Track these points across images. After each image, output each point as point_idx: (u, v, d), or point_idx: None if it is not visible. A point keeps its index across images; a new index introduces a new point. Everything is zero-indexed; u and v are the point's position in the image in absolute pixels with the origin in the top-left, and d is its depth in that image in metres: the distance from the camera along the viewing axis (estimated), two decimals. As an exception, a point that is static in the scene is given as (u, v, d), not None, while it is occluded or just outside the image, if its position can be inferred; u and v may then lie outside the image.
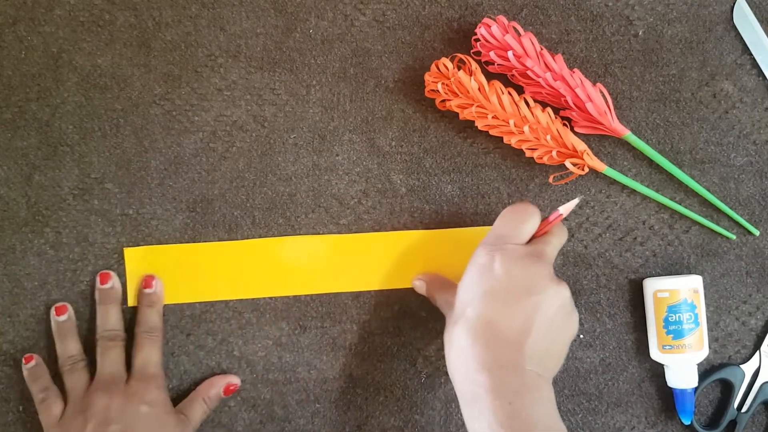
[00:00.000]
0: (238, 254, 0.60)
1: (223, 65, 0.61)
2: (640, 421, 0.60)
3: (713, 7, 0.61)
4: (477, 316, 0.48)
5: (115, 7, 0.61)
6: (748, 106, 0.61)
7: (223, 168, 0.60)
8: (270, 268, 0.60)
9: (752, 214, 0.60)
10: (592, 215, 0.60)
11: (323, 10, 0.61)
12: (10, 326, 0.60)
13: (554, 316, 0.48)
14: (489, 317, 0.48)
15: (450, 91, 0.57)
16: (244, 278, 0.60)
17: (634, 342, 0.60)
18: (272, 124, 0.61)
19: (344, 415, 0.60)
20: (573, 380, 0.60)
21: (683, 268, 0.60)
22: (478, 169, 0.60)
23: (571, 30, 0.61)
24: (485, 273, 0.49)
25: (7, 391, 0.60)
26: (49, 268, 0.60)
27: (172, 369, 0.60)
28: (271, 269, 0.60)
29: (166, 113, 0.60)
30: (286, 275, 0.60)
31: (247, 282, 0.60)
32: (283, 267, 0.60)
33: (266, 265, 0.60)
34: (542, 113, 0.57)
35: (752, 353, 0.60)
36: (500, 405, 0.45)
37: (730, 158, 0.60)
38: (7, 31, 0.60)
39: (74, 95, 0.60)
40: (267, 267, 0.60)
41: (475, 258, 0.50)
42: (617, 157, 0.60)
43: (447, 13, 0.61)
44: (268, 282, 0.60)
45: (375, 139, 0.61)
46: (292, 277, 0.60)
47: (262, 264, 0.60)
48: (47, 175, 0.60)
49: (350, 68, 0.61)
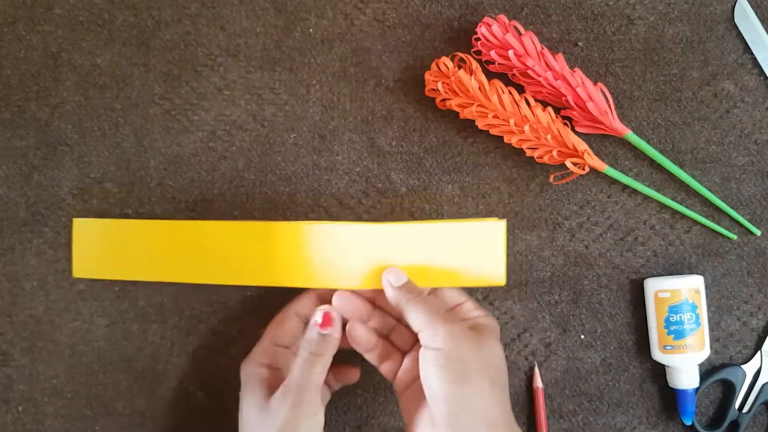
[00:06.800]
0: (202, 236, 0.56)
1: (222, 64, 0.60)
2: (641, 422, 0.60)
3: (714, 7, 0.60)
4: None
5: (114, 6, 0.60)
6: (749, 105, 0.60)
7: (222, 168, 0.60)
8: (236, 253, 0.56)
9: (753, 214, 0.60)
10: (593, 215, 0.60)
11: (323, 9, 0.61)
12: (9, 326, 0.60)
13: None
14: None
15: (450, 91, 0.57)
16: (207, 262, 0.56)
17: (635, 342, 0.60)
18: (272, 123, 0.60)
19: (344, 416, 0.60)
20: (574, 380, 0.60)
21: (684, 268, 0.60)
22: (478, 168, 0.60)
23: (571, 29, 0.60)
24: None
25: (7, 391, 0.60)
26: (48, 268, 0.60)
27: (171, 369, 0.60)
28: (237, 254, 0.56)
29: (165, 113, 0.60)
30: (252, 262, 0.55)
31: (205, 267, 0.56)
32: (253, 253, 0.56)
33: (235, 250, 0.56)
34: (543, 113, 0.57)
35: (753, 353, 0.60)
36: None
37: (732, 158, 0.60)
38: (6, 30, 0.60)
39: (73, 95, 0.60)
40: (235, 252, 0.56)
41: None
42: (618, 156, 0.60)
43: (447, 12, 0.61)
44: (231, 268, 0.56)
45: (375, 139, 0.60)
46: (264, 265, 0.55)
47: (224, 248, 0.56)
48: (46, 174, 0.60)
49: (350, 67, 0.61)
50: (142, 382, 0.60)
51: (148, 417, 0.60)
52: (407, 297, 0.51)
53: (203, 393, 0.60)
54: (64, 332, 0.60)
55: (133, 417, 0.60)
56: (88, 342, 0.60)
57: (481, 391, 0.48)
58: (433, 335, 0.49)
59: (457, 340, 0.48)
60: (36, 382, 0.60)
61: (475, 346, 0.49)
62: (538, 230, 0.60)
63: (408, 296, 0.51)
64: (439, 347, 0.48)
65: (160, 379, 0.60)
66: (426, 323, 0.50)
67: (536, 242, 0.60)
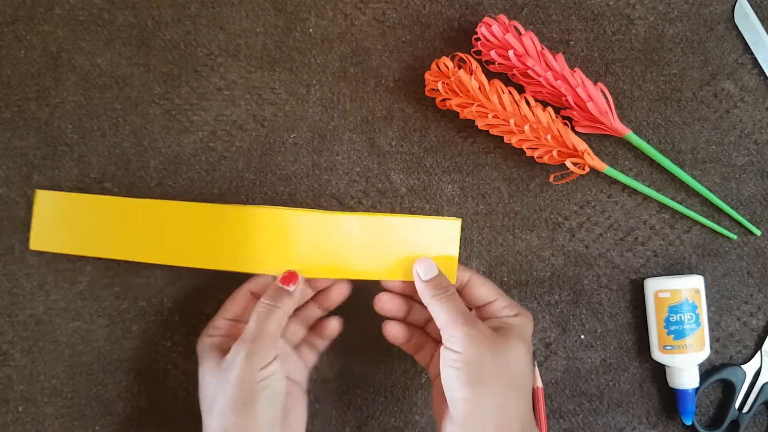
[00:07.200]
0: (162, 215, 0.56)
1: (222, 64, 0.60)
2: (642, 422, 0.60)
3: (714, 6, 0.60)
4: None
5: (114, 6, 0.60)
6: (749, 105, 0.60)
7: (222, 168, 0.60)
8: (202, 236, 0.55)
9: (753, 214, 0.60)
10: (593, 215, 0.60)
11: (323, 9, 0.61)
12: (9, 326, 0.60)
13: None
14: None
15: (450, 91, 0.57)
16: (163, 242, 0.56)
17: (635, 342, 0.60)
18: (272, 123, 0.60)
19: (344, 415, 0.60)
20: (574, 381, 0.60)
21: (684, 268, 0.60)
22: (478, 168, 0.60)
23: (572, 29, 0.60)
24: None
25: (7, 391, 0.60)
26: (48, 268, 0.60)
27: (171, 369, 0.60)
28: (203, 236, 0.55)
29: (165, 113, 0.60)
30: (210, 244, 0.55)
31: (160, 246, 0.56)
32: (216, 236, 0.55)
33: (190, 232, 0.55)
34: (543, 113, 0.57)
35: (753, 353, 0.60)
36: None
37: (732, 158, 0.60)
38: (6, 30, 0.60)
39: (73, 95, 0.60)
40: (198, 234, 0.55)
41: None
42: (618, 156, 0.60)
43: (447, 12, 0.61)
44: (183, 249, 0.55)
45: (375, 139, 0.60)
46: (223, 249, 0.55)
47: (191, 230, 0.55)
48: (46, 174, 0.60)
49: (350, 67, 0.61)
50: (142, 382, 0.60)
51: (148, 417, 0.60)
52: (432, 293, 0.51)
53: (203, 393, 0.60)
54: (64, 332, 0.60)
55: (133, 417, 0.60)
56: (88, 342, 0.60)
57: (495, 395, 0.48)
58: (452, 337, 0.49)
59: (475, 344, 0.48)
60: (36, 382, 0.60)
61: (494, 350, 0.49)
62: (538, 230, 0.60)
63: (433, 292, 0.51)
64: (456, 350, 0.48)
65: (160, 379, 0.60)
66: (447, 324, 0.50)
67: (536, 242, 0.60)
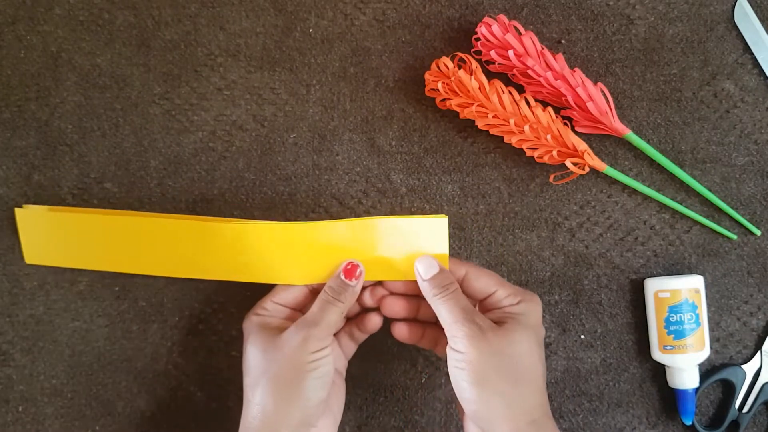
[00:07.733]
0: (141, 231, 0.56)
1: (222, 64, 0.60)
2: (641, 422, 0.60)
3: (714, 7, 0.60)
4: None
5: (114, 6, 0.60)
6: (749, 105, 0.60)
7: (222, 168, 0.60)
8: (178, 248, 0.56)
9: (753, 214, 0.60)
10: (593, 215, 0.60)
11: (323, 9, 0.61)
12: (9, 326, 0.60)
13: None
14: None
15: (450, 91, 0.57)
16: (147, 255, 0.57)
17: (635, 342, 0.60)
18: (272, 123, 0.60)
19: (344, 415, 0.60)
20: (574, 381, 0.60)
21: (684, 268, 0.60)
22: (478, 168, 0.60)
23: (572, 29, 0.60)
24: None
25: (7, 391, 0.60)
26: (48, 268, 0.60)
27: (171, 369, 0.60)
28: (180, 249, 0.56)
29: (165, 113, 0.60)
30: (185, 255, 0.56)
31: (144, 259, 0.57)
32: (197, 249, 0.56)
33: (175, 246, 0.56)
34: (543, 113, 0.57)
35: (753, 353, 0.60)
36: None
37: (732, 158, 0.60)
38: (6, 30, 0.60)
39: (73, 95, 0.60)
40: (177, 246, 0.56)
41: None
42: (618, 156, 0.60)
43: (447, 12, 0.61)
44: (169, 262, 0.56)
45: (375, 139, 0.60)
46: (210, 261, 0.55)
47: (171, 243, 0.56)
48: (46, 174, 0.60)
49: (350, 67, 0.61)
50: (142, 382, 0.60)
51: (148, 417, 0.60)
52: (433, 292, 0.51)
53: (203, 393, 0.60)
54: (64, 332, 0.60)
55: (133, 417, 0.60)
56: (88, 342, 0.60)
57: (502, 393, 0.48)
58: (454, 337, 0.49)
59: (476, 343, 0.48)
60: (36, 382, 0.60)
61: (498, 347, 0.48)
62: (538, 230, 0.60)
63: (434, 291, 0.51)
64: (460, 350, 0.48)
65: (160, 379, 0.60)
66: (448, 323, 0.50)
67: (536, 242, 0.60)
